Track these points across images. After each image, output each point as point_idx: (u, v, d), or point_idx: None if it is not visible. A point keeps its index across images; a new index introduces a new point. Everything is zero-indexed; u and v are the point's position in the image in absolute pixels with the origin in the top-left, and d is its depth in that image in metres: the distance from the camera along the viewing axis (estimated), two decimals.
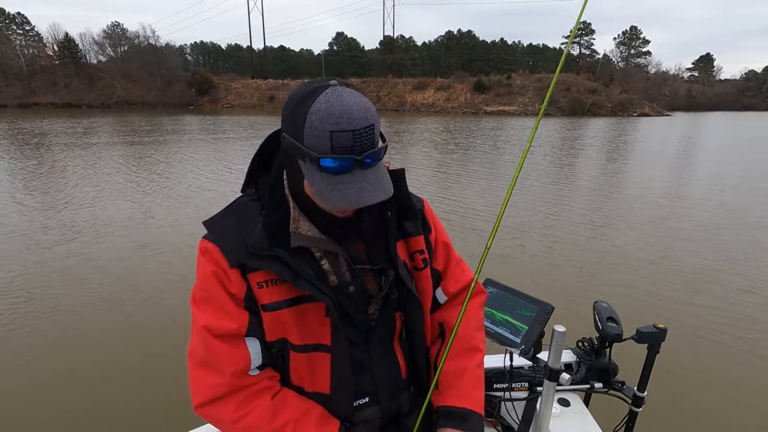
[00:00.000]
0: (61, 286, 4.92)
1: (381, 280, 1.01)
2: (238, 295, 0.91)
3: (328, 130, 0.78)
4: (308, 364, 0.96)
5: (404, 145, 18.46)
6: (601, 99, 47.30)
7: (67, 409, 3.02)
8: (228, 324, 0.90)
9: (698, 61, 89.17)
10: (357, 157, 0.80)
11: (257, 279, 0.91)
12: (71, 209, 8.04)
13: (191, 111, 46.28)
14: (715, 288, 5.04)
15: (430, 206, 1.14)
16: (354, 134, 0.78)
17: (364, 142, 0.80)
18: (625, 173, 12.65)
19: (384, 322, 1.03)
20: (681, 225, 7.45)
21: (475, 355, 1.10)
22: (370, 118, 0.80)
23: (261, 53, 75.47)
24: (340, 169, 0.80)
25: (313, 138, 0.79)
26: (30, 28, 60.22)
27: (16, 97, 47.20)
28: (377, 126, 0.83)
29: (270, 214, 0.91)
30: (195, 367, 0.92)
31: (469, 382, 1.06)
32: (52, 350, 3.73)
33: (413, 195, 1.07)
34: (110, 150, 16.08)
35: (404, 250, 1.04)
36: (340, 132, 0.78)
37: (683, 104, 67.80)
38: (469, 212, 8.09)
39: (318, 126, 0.78)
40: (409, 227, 1.04)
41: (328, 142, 0.78)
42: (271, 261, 0.89)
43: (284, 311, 0.92)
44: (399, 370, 1.07)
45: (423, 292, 1.06)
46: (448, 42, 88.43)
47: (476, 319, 1.15)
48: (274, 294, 0.91)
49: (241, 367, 0.91)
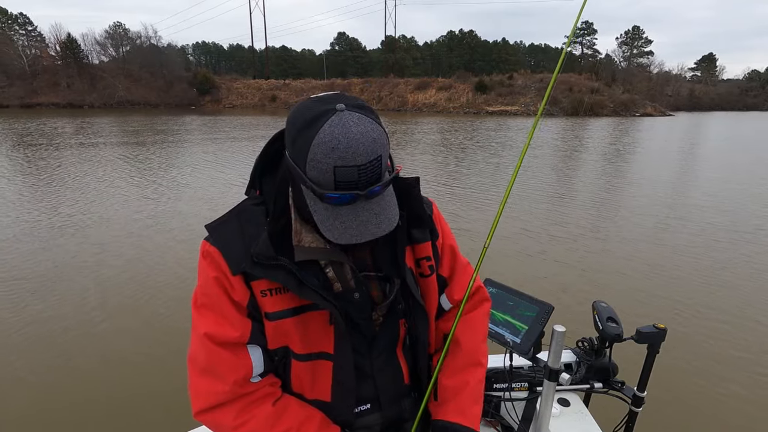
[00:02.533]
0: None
1: (386, 288, 0.99)
2: (241, 303, 0.90)
3: (331, 165, 0.74)
4: (310, 372, 0.95)
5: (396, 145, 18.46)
6: (603, 99, 47.19)
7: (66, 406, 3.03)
8: (230, 332, 0.89)
9: (701, 60, 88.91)
10: (361, 192, 0.77)
11: (261, 287, 0.89)
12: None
13: (193, 111, 46.33)
14: (716, 288, 5.03)
15: (438, 209, 1.12)
16: (359, 169, 0.75)
17: (369, 177, 0.77)
18: (626, 173, 12.62)
19: (388, 329, 1.02)
20: (684, 226, 7.44)
21: (477, 370, 1.08)
22: (378, 149, 0.76)
23: (263, 53, 75.55)
24: (343, 201, 0.78)
25: (316, 171, 0.75)
26: (32, 29, 60.37)
27: (19, 98, 47.28)
28: (385, 156, 0.79)
29: (275, 221, 0.88)
30: (196, 373, 0.90)
31: (469, 397, 1.05)
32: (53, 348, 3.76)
33: (423, 197, 1.05)
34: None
35: (411, 256, 1.02)
36: (344, 168, 0.74)
37: (686, 104, 67.62)
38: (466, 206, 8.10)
39: (321, 159, 0.74)
40: (416, 233, 1.02)
41: (331, 177, 0.75)
42: (276, 270, 0.86)
43: (288, 320, 0.91)
44: (402, 376, 1.07)
45: (429, 299, 1.05)
46: (449, 42, 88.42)
47: (482, 330, 1.13)
48: (278, 303, 0.90)
49: (242, 375, 0.90)
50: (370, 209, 0.79)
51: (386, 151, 0.79)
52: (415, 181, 0.98)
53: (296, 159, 0.79)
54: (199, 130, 24.67)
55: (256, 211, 0.92)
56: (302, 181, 0.79)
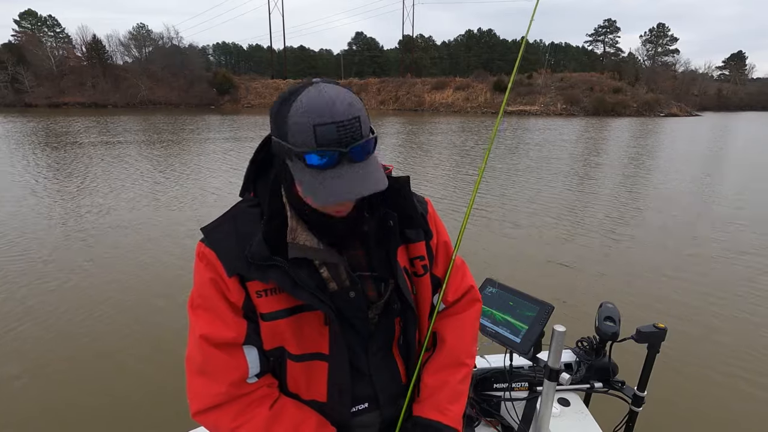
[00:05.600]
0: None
1: (381, 287, 0.99)
2: (237, 304, 0.91)
3: (310, 123, 0.75)
4: (305, 372, 0.96)
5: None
6: (626, 99, 46.15)
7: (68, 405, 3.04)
8: (226, 332, 0.90)
9: (729, 59, 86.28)
10: (343, 150, 0.77)
11: (256, 288, 0.90)
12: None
13: (213, 110, 47.01)
14: (717, 288, 4.96)
15: (434, 208, 1.11)
16: (338, 126, 0.76)
17: (349, 134, 0.77)
18: (645, 176, 12.34)
19: (384, 328, 1.02)
20: (693, 229, 7.27)
21: (460, 370, 1.08)
22: (355, 111, 0.78)
23: (281, 53, 76.31)
24: (327, 164, 0.78)
25: (297, 134, 0.77)
26: (60, 31, 62.28)
27: (46, 97, 48.86)
28: (364, 118, 0.80)
29: (269, 222, 0.89)
30: (193, 374, 0.92)
31: (447, 396, 1.05)
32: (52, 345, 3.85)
33: (416, 195, 1.05)
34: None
35: (404, 255, 1.02)
36: (323, 125, 0.75)
37: (713, 104, 65.61)
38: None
39: (300, 121, 0.76)
40: (410, 233, 1.02)
41: (311, 136, 0.76)
42: (270, 271, 0.87)
43: (282, 321, 0.91)
44: (399, 375, 1.07)
45: (421, 298, 1.06)
46: (468, 41, 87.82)
47: (471, 331, 1.13)
48: (273, 303, 0.90)
49: (238, 376, 0.91)
50: (355, 172, 0.79)
51: (364, 116, 0.80)
52: (406, 180, 0.98)
53: (279, 133, 0.81)
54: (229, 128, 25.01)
55: (251, 213, 0.92)
56: (286, 152, 0.80)
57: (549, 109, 45.25)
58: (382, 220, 0.97)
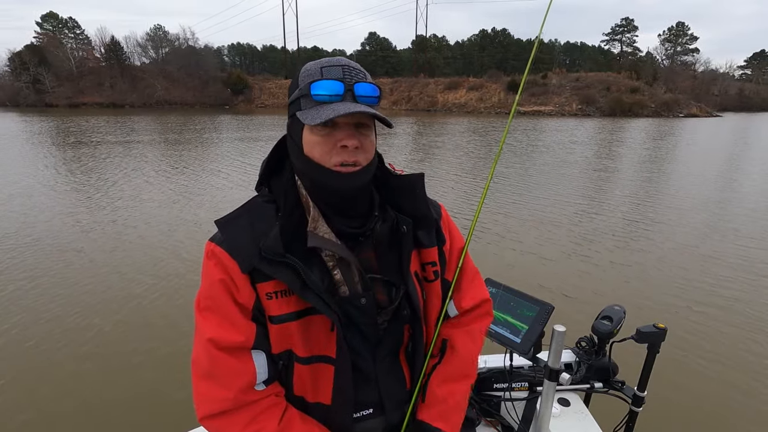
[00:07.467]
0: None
1: (391, 292, 0.98)
2: (246, 305, 0.89)
3: (318, 66, 0.86)
4: (311, 375, 0.95)
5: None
6: (644, 99, 45.29)
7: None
8: (235, 336, 0.88)
9: (751, 58, 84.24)
10: (348, 82, 0.84)
11: (266, 290, 0.88)
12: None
13: (227, 110, 47.43)
14: (717, 288, 4.91)
15: (448, 213, 1.10)
16: (344, 67, 0.85)
17: (354, 76, 0.85)
18: (661, 178, 12.13)
19: (392, 334, 1.01)
20: (699, 228, 7.13)
21: (466, 381, 1.09)
22: (363, 70, 0.88)
23: (294, 54, 76.85)
24: (332, 96, 0.83)
25: (307, 77, 0.86)
26: (80, 32, 63.56)
27: (66, 98, 50.11)
28: (370, 78, 0.88)
29: (287, 216, 0.88)
30: (199, 378, 0.89)
31: (453, 406, 1.06)
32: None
33: (431, 200, 1.04)
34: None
35: (416, 259, 1.01)
36: (330, 66, 0.86)
37: (734, 104, 63.81)
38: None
39: (310, 67, 0.87)
40: (422, 237, 1.00)
41: (318, 73, 0.85)
42: (283, 268, 0.86)
43: (292, 324, 0.90)
44: (404, 381, 1.06)
45: (431, 305, 1.05)
46: (481, 41, 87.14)
47: (479, 344, 1.13)
48: (282, 306, 0.89)
49: (246, 382, 0.89)
50: (358, 106, 0.83)
51: (370, 78, 0.89)
52: (419, 177, 0.98)
53: (291, 91, 0.90)
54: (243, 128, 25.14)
55: (267, 208, 0.91)
56: (295, 104, 0.87)
57: (564, 110, 44.66)
58: (396, 226, 0.96)
